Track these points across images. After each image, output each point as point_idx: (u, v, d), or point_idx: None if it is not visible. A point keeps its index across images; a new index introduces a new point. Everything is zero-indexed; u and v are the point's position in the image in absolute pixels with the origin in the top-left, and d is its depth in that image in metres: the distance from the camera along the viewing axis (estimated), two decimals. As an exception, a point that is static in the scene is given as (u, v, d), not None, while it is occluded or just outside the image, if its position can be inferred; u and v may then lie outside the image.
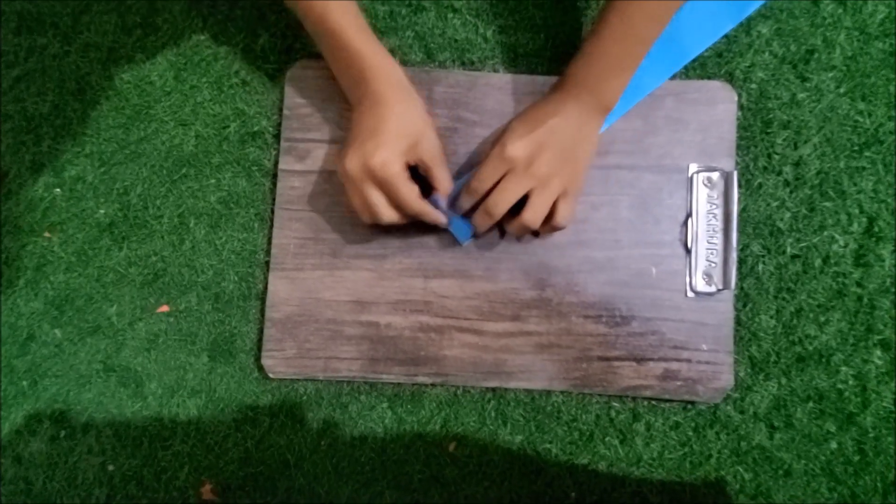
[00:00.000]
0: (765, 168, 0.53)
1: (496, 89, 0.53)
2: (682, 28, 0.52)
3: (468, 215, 0.50)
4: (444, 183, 0.48)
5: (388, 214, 0.46)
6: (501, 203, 0.47)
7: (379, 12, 0.54)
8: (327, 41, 0.47)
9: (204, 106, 0.54)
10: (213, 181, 0.53)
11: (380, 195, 0.46)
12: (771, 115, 0.53)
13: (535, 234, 0.51)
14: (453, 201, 0.50)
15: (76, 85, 0.54)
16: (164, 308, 0.53)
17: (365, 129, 0.46)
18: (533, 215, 0.47)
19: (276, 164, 0.53)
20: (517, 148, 0.46)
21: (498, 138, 0.50)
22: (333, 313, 0.51)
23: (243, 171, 0.53)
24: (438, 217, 0.49)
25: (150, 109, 0.54)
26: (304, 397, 0.52)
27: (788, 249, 0.52)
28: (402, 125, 0.46)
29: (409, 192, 0.46)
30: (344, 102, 0.51)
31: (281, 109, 0.53)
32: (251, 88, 0.54)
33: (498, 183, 0.47)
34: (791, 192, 0.53)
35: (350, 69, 0.47)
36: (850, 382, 0.51)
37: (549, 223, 0.48)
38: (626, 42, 0.45)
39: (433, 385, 0.52)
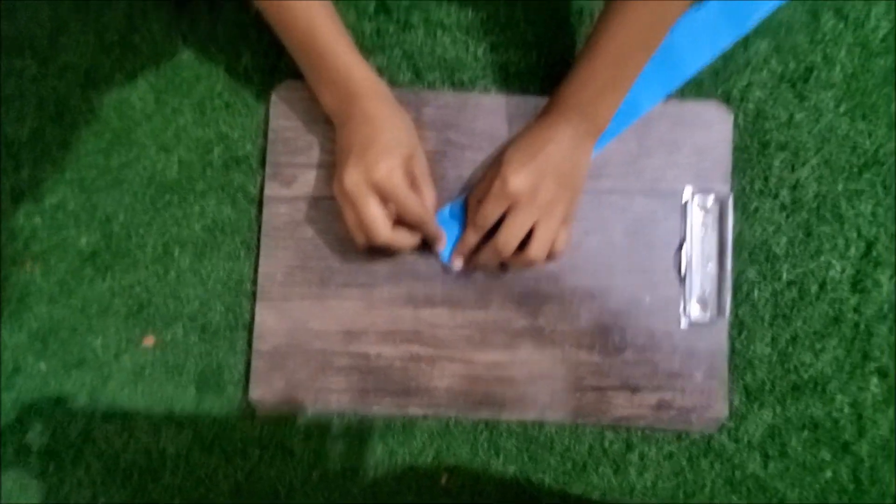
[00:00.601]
0: (761, 191, 0.52)
1: (487, 111, 0.51)
2: (677, 46, 0.51)
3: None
4: (429, 200, 0.47)
5: (386, 231, 0.45)
6: (512, 240, 0.46)
7: (365, 30, 0.53)
8: (312, 60, 0.46)
9: (186, 129, 0.52)
10: (197, 208, 0.52)
11: (380, 210, 0.44)
12: (768, 136, 0.52)
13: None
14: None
15: (55, 109, 0.53)
16: (150, 340, 0.52)
17: (358, 144, 0.44)
18: (540, 247, 0.46)
19: (261, 189, 0.52)
20: (519, 181, 0.45)
21: (492, 167, 0.48)
22: (322, 344, 0.50)
23: (228, 197, 0.52)
24: (439, 230, 0.48)
25: (131, 134, 0.52)
26: (294, 429, 0.51)
27: (784, 275, 0.51)
28: (397, 137, 0.45)
29: (416, 201, 0.45)
30: (331, 124, 0.50)
31: (266, 132, 0.52)
32: (235, 110, 0.52)
33: (503, 218, 0.46)
34: (788, 216, 0.52)
35: (337, 88, 0.46)
36: (846, 411, 0.51)
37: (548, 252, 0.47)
38: (617, 65, 0.44)
39: (424, 416, 0.51)
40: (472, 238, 0.48)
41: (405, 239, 0.47)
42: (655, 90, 0.51)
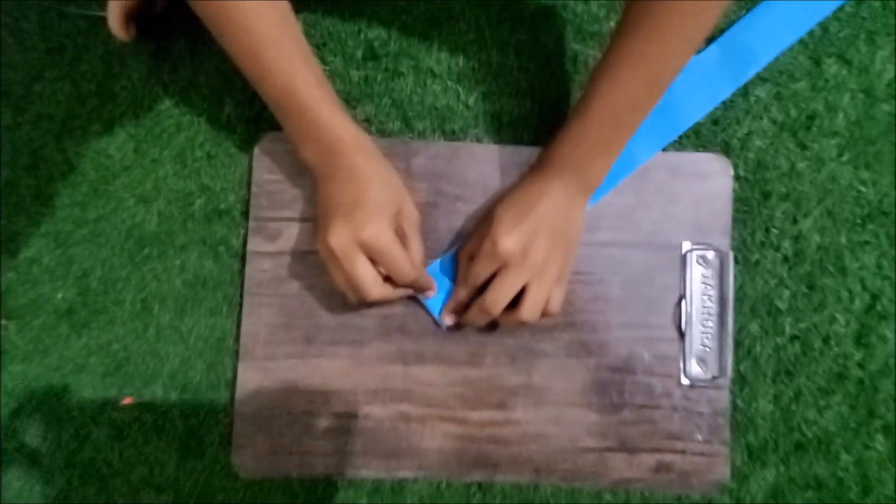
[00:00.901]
0: (762, 243, 0.50)
1: (479, 160, 0.50)
2: (675, 97, 0.49)
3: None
4: (417, 255, 0.46)
5: (379, 289, 0.43)
6: (500, 300, 0.44)
7: (353, 78, 0.51)
8: (292, 115, 0.43)
9: (166, 181, 0.50)
10: (177, 262, 0.50)
11: (369, 269, 0.43)
12: (769, 187, 0.50)
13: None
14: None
15: (29, 159, 0.51)
16: (129, 400, 0.50)
17: (344, 202, 0.43)
18: (532, 308, 0.44)
19: (244, 243, 0.50)
20: (510, 242, 0.43)
21: (483, 224, 0.46)
22: (308, 405, 0.48)
23: (210, 251, 0.50)
24: (430, 282, 0.47)
25: (109, 185, 0.50)
26: (278, 495, 0.49)
27: (787, 330, 0.50)
28: (384, 194, 0.43)
29: (405, 260, 0.43)
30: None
31: (249, 184, 0.50)
32: (217, 162, 0.51)
33: (493, 276, 0.44)
34: (790, 268, 0.50)
35: (318, 144, 0.44)
36: (851, 470, 0.49)
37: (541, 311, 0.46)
38: (610, 126, 0.43)
39: (415, 479, 0.49)
40: (463, 294, 0.47)
41: (396, 293, 0.45)
42: (652, 141, 0.49)
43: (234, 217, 0.50)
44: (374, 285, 0.43)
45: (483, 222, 0.47)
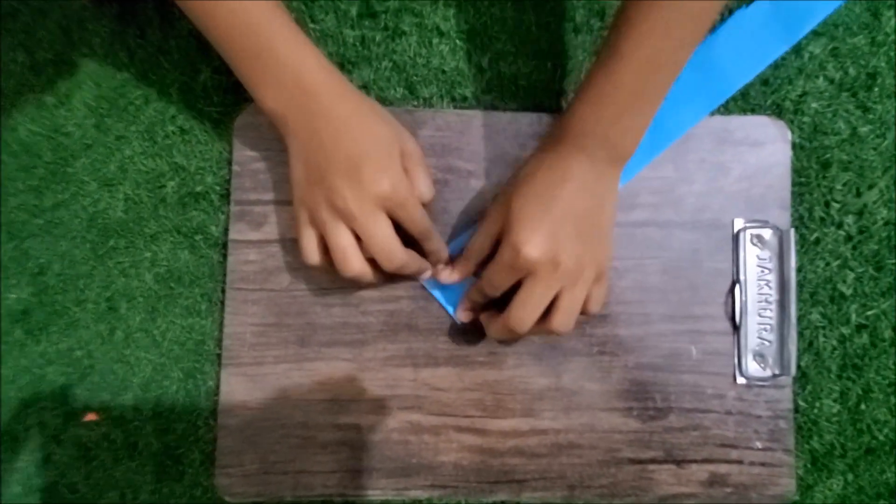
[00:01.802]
0: (822, 220, 0.44)
1: (495, 131, 0.43)
2: (721, 56, 0.43)
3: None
4: (427, 194, 0.40)
5: (403, 255, 0.38)
6: (528, 318, 0.37)
7: (348, 39, 0.44)
8: (247, 51, 0.36)
9: (134, 161, 0.44)
10: (148, 255, 0.43)
11: (393, 231, 0.37)
12: (828, 155, 0.44)
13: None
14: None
15: (-25, 139, 0.44)
16: (94, 415, 0.43)
17: (341, 156, 0.36)
18: (565, 319, 0.37)
19: (225, 231, 0.43)
20: (535, 248, 0.36)
21: (494, 210, 0.39)
22: (303, 416, 0.42)
23: (186, 241, 0.43)
24: (442, 247, 0.41)
25: (68, 168, 0.44)
26: (271, 522, 0.42)
27: (853, 318, 0.43)
28: (386, 136, 0.37)
29: (423, 212, 0.38)
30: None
31: (230, 163, 0.43)
32: (191, 138, 0.44)
33: (516, 286, 0.37)
34: (854, 248, 0.43)
35: (285, 83, 0.36)
36: (931, 477, 0.43)
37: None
38: (646, 74, 0.35)
39: (429, 500, 0.42)
40: (478, 297, 0.40)
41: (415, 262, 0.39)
42: (695, 107, 0.43)
43: (212, 201, 0.44)
44: (401, 250, 0.37)
45: (496, 209, 0.39)
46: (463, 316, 0.41)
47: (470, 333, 0.42)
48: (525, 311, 0.37)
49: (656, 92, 0.36)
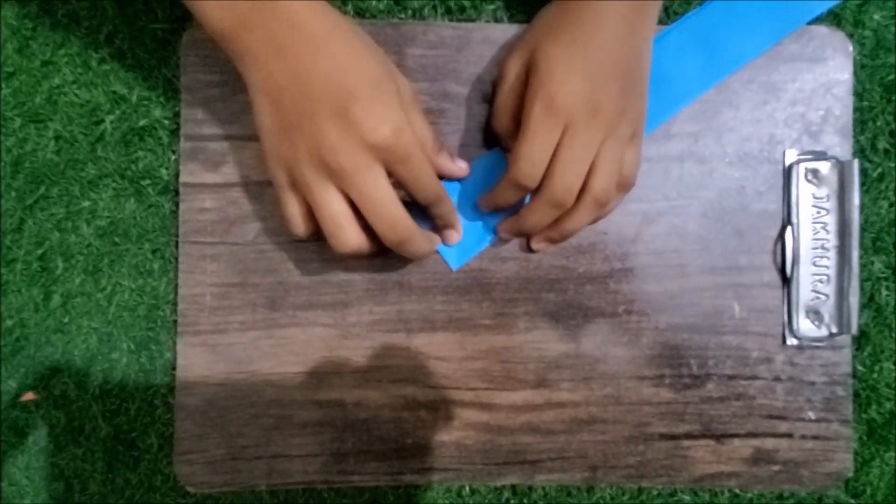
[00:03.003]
0: (887, 152, 0.37)
1: (500, 48, 0.36)
2: None
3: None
4: (431, 144, 0.33)
5: (402, 218, 0.30)
6: (575, 178, 0.30)
7: (319, -62, 0.36)
8: None
9: (64, 92, 0.36)
10: (86, 204, 0.36)
11: (391, 187, 0.29)
12: (893, 76, 0.37)
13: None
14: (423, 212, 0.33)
15: None
16: (31, 395, 0.36)
17: (326, 88, 0.28)
18: (606, 180, 0.31)
19: (177, 174, 0.36)
20: (572, 91, 0.29)
21: (509, 69, 0.32)
22: (276, 392, 0.35)
23: (131, 187, 0.36)
24: (453, 211, 0.34)
25: (-16, 100, 0.36)
26: (243, 514, 0.36)
27: (922, 267, 0.37)
28: (377, 67, 0.29)
29: (433, 171, 0.31)
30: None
31: (178, 91, 0.36)
32: (133, 62, 0.36)
33: (554, 154, 0.30)
34: (926, 184, 0.37)
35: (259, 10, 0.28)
36: None
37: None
38: None
39: (427, 486, 0.36)
40: (513, 196, 0.33)
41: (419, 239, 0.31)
42: (763, 33, 0.35)
43: (160, 139, 0.36)
44: (400, 210, 0.30)
45: (515, 62, 0.32)
46: (505, 235, 0.35)
47: (473, 292, 0.36)
48: (570, 172, 0.30)
49: None
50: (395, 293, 0.36)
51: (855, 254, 0.35)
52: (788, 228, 0.35)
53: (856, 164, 0.34)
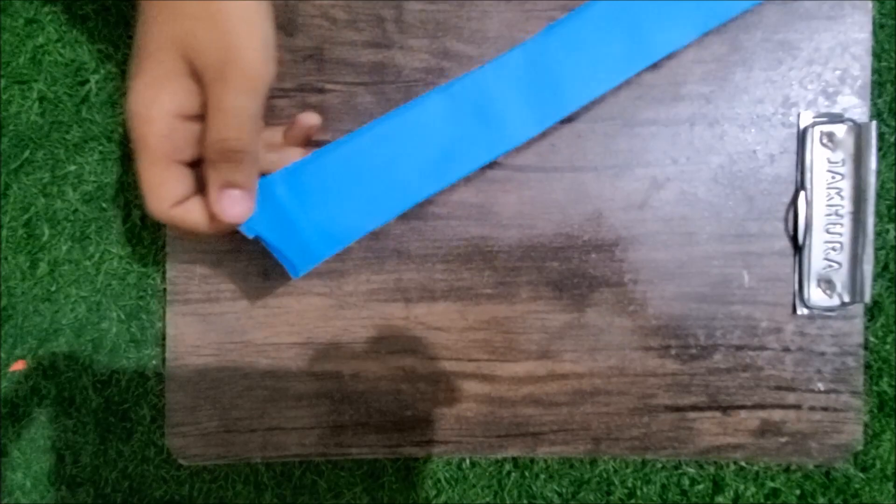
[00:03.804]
0: (907, 114, 0.35)
1: (503, 2, 0.34)
2: None
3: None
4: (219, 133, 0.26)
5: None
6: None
7: None
8: None
9: (48, 51, 0.35)
10: (72, 168, 0.35)
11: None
12: (917, 33, 0.35)
13: None
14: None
15: None
16: (20, 364, 0.35)
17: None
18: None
19: (167, 138, 0.34)
20: None
21: None
22: (271, 364, 0.34)
23: (117, 149, 0.35)
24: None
25: (-37, 59, 0.35)
26: (238, 486, 0.35)
27: (939, 235, 0.36)
28: (172, 25, 0.25)
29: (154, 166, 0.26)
30: (279, 32, 0.32)
31: (169, 51, 0.34)
32: (117, 18, 0.35)
33: None
34: (945, 148, 0.36)
35: None
36: None
37: None
38: None
39: (427, 458, 0.36)
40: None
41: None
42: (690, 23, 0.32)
43: (149, 99, 0.35)
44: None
45: None
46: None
47: (475, 260, 0.35)
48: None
49: None
50: (392, 261, 0.35)
51: (870, 220, 0.33)
52: (801, 194, 0.34)
53: (874, 126, 0.33)
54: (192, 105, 0.25)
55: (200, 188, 0.27)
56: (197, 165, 0.27)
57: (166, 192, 0.26)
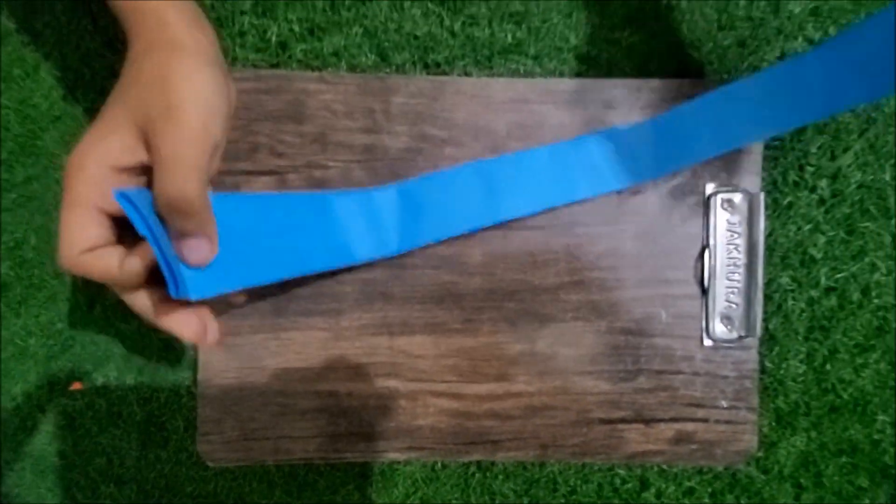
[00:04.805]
0: (796, 183, 0.44)
1: (468, 97, 0.43)
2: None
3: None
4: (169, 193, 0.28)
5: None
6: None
7: (317, 5, 0.43)
8: None
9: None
10: (123, 228, 0.43)
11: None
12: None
13: None
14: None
15: (-60, 111, 0.43)
16: (78, 385, 0.44)
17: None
18: None
19: (199, 203, 0.43)
20: None
21: None
22: (282, 384, 0.43)
23: (160, 213, 0.43)
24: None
25: (37, 140, 0.43)
26: (253, 483, 0.44)
27: (822, 281, 0.44)
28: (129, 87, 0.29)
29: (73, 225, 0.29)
30: (291, 121, 0.41)
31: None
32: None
33: None
34: (827, 211, 0.44)
35: None
36: (888, 431, 0.44)
37: None
38: None
39: (407, 461, 0.44)
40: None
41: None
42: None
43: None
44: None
45: None
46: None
47: (446, 301, 0.43)
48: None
49: None
50: (380, 302, 0.43)
51: (760, 270, 0.42)
52: (707, 249, 0.42)
53: (762, 195, 0.41)
54: (128, 159, 0.27)
55: (122, 242, 0.28)
56: (129, 225, 0.28)
57: (79, 236, 0.27)
